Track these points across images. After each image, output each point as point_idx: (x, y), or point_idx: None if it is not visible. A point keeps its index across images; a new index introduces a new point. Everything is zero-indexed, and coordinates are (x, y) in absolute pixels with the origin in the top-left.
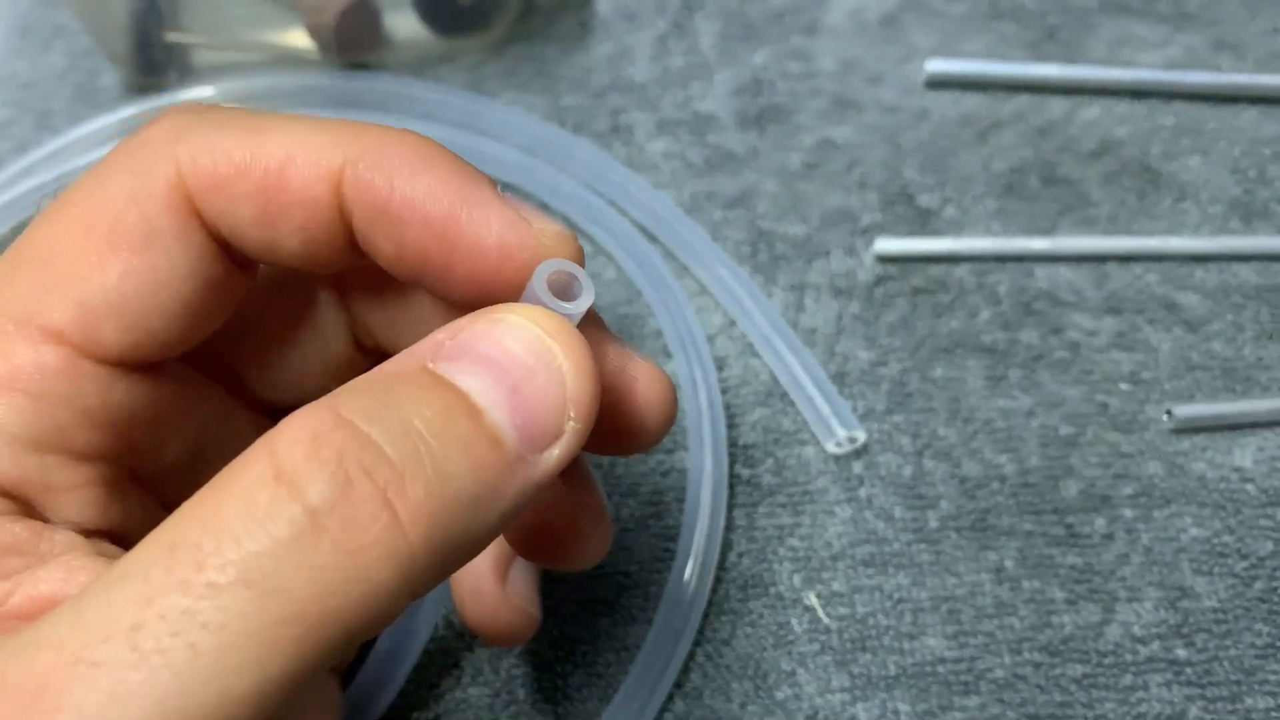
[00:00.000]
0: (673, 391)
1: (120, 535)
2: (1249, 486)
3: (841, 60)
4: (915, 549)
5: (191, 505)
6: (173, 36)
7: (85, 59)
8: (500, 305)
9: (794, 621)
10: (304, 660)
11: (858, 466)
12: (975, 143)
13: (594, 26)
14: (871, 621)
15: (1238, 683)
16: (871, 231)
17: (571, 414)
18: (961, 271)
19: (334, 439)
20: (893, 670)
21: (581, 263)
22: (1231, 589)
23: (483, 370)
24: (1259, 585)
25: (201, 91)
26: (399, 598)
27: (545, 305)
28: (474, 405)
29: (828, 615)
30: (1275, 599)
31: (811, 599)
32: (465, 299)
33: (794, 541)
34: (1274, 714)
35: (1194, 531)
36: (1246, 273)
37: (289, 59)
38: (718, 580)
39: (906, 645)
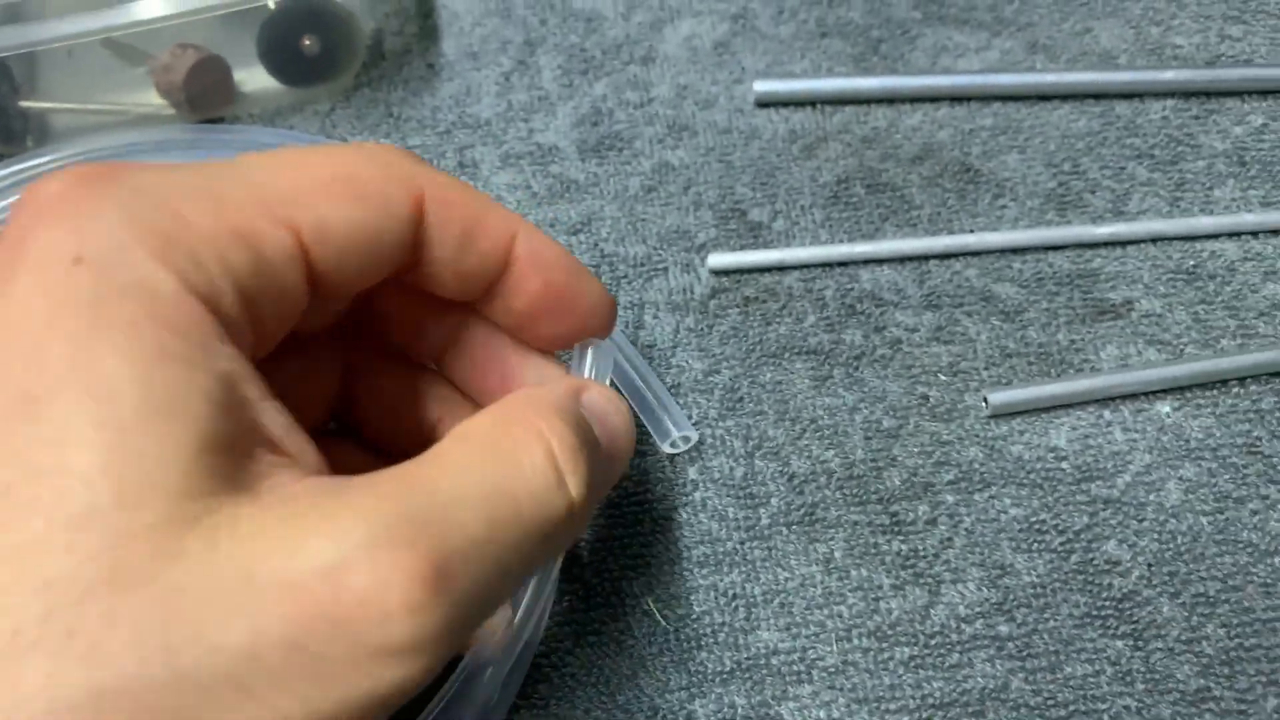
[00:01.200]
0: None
1: None
2: (1064, 465)
3: (676, 86)
4: (748, 547)
5: (484, 460)
6: (27, 103)
7: None
8: (591, 382)
9: (634, 626)
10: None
11: (692, 471)
12: (803, 156)
13: (440, 67)
14: (707, 620)
15: (1056, 653)
16: (707, 248)
17: (624, 460)
18: (790, 279)
19: (580, 454)
20: (728, 665)
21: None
22: (1049, 564)
23: (599, 423)
24: (1075, 558)
25: (60, 153)
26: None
27: (604, 382)
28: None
29: (664, 618)
30: (1090, 570)
31: (649, 603)
32: (553, 337)
33: (633, 549)
34: (1090, 680)
35: (1013, 511)
36: (1061, 261)
37: (145, 118)
38: (561, 593)
39: (741, 640)
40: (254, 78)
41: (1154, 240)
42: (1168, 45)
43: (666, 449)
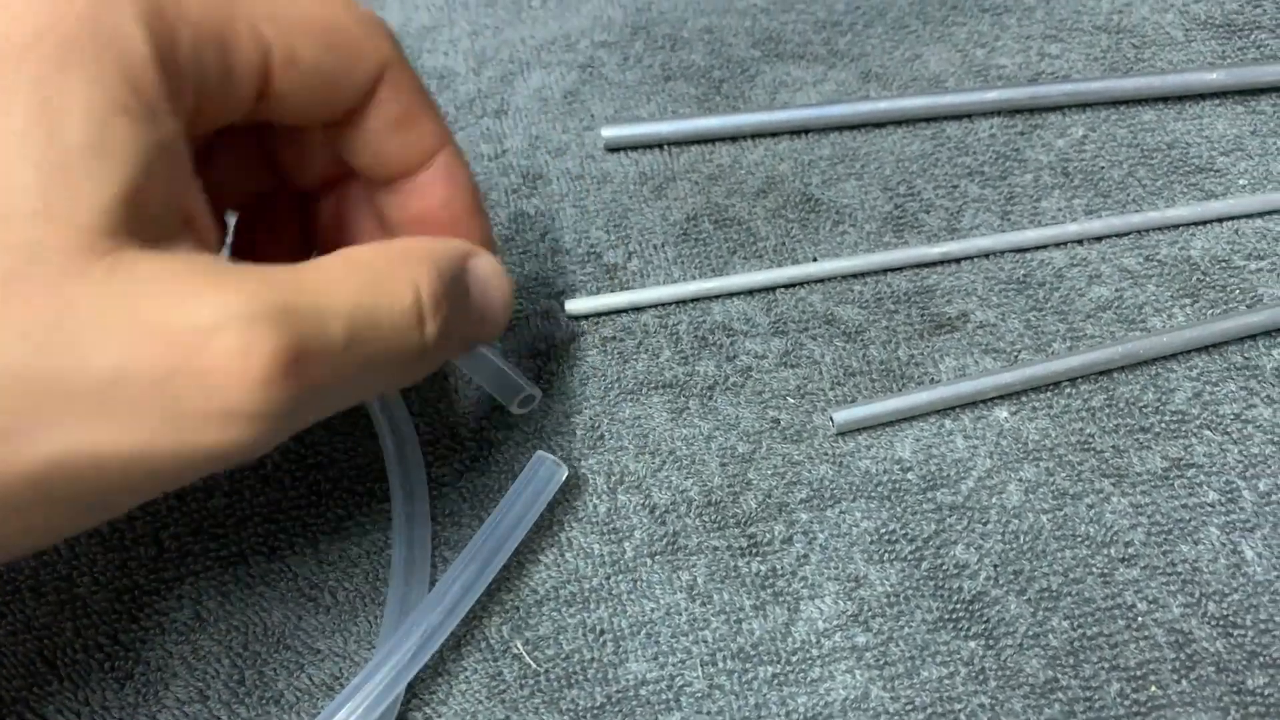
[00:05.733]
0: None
1: None
2: (910, 475)
3: (529, 137)
4: (614, 581)
5: (360, 282)
6: None
7: None
8: (484, 251)
9: (505, 671)
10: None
11: (559, 512)
12: (653, 197)
13: None
14: (576, 657)
15: (912, 658)
16: (565, 293)
17: (496, 324)
18: (646, 317)
19: (442, 305)
20: (599, 699)
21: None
22: (901, 572)
23: (479, 285)
24: (925, 565)
25: None
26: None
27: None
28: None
29: (533, 660)
30: (940, 575)
31: (518, 646)
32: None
33: (501, 594)
34: (946, 681)
35: (864, 524)
36: (899, 280)
37: None
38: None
39: (610, 674)
40: None
41: (986, 255)
42: (992, 66)
43: (515, 409)
